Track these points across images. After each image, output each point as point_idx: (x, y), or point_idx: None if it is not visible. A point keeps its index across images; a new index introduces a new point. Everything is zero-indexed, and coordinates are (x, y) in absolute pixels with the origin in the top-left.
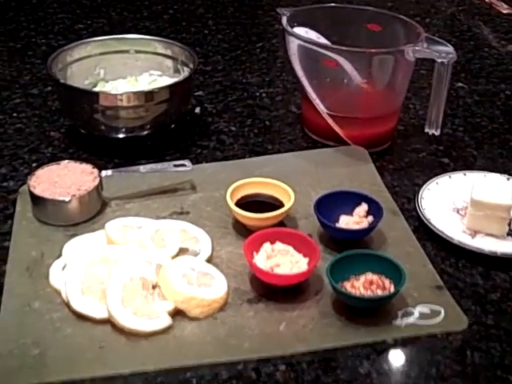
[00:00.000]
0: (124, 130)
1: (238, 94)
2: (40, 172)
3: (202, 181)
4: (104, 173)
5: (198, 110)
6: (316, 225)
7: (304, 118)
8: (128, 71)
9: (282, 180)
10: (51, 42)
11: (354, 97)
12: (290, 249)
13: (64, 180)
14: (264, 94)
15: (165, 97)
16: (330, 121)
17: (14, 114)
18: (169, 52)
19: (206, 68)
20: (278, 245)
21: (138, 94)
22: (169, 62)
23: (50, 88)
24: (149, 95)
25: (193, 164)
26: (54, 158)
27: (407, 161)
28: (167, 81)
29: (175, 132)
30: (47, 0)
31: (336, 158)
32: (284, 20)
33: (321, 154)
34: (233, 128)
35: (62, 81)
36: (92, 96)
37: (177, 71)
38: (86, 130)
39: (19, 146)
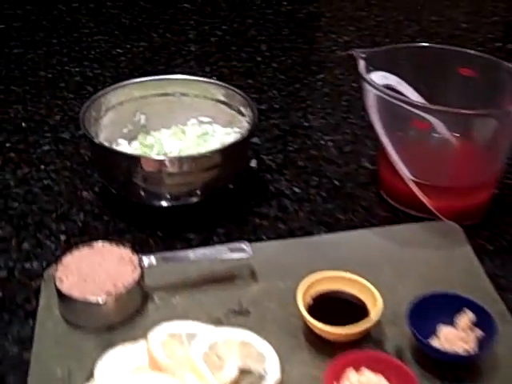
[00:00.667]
0: (168, 197)
1: (300, 143)
2: (69, 259)
3: (264, 266)
4: (146, 261)
5: (254, 163)
6: (407, 334)
7: (381, 179)
8: (172, 117)
9: (361, 267)
10: (86, 70)
11: (446, 162)
12: (382, 380)
13: (97, 272)
14: (330, 143)
15: (217, 161)
16: (415, 189)
17: (42, 167)
18: (221, 96)
19: (260, 106)
20: (366, 374)
21: (185, 160)
22: (221, 107)
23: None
24: (198, 161)
25: (251, 239)
26: (86, 229)
27: (510, 239)
28: (219, 132)
29: (228, 194)
30: (82, 18)
31: (423, 236)
32: (361, 66)
33: (404, 231)
34: (296, 189)
35: (96, 141)
36: (132, 160)
37: (230, 118)
38: (123, 195)
39: (46, 210)
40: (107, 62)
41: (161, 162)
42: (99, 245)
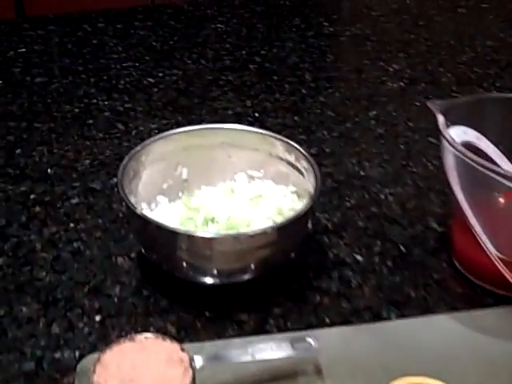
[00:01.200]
0: (217, 275)
1: (357, 197)
2: (108, 358)
3: (330, 360)
4: (198, 361)
5: (309, 224)
6: None
7: (454, 247)
8: (218, 170)
9: (442, 363)
10: (116, 104)
11: None
12: None
13: (142, 375)
14: (390, 197)
15: (276, 238)
16: (502, 268)
17: (71, 225)
18: (273, 148)
19: (310, 150)
20: None
21: (239, 238)
22: (273, 161)
23: (115, 179)
24: (254, 239)
25: (312, 323)
26: (124, 306)
27: None
28: (273, 192)
29: (283, 265)
30: (109, 41)
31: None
32: (441, 121)
33: (491, 317)
34: (358, 257)
35: (138, 212)
36: (177, 236)
37: (285, 174)
38: (165, 269)
39: (77, 282)
40: (138, 94)
41: (210, 239)
42: (142, 337)
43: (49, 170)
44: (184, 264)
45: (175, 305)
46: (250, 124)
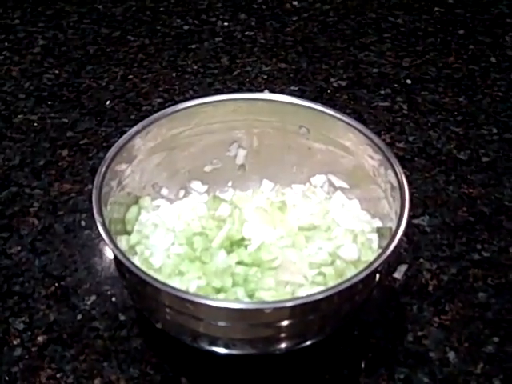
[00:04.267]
0: (232, 346)
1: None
2: None
3: None
4: None
5: (400, 270)
6: None
7: None
8: (286, 165)
9: None
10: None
11: None
12: None
13: None
14: None
15: (336, 303)
16: None
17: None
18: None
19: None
20: None
21: (283, 310)
22: (345, 161)
23: None
24: (304, 308)
25: None
26: None
27: None
28: (344, 217)
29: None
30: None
31: None
32: None
33: None
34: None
35: (127, 264)
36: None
37: (366, 184)
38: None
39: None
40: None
41: (241, 311)
42: None
43: None
44: (198, 336)
45: (191, 378)
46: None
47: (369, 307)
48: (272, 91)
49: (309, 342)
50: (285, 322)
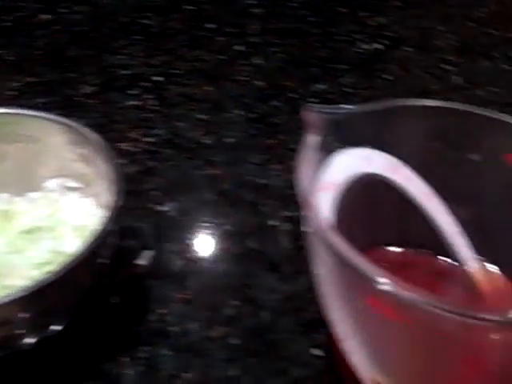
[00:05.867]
0: None
1: None
2: None
3: None
4: None
5: (146, 255)
6: None
7: None
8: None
9: None
10: None
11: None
12: None
13: None
14: None
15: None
16: None
17: None
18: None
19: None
20: None
21: None
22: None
23: None
24: None
25: None
26: None
27: None
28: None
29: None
30: None
31: None
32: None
33: None
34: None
35: None
36: None
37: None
38: None
39: None
40: None
41: None
42: None
43: None
44: None
45: None
46: None
47: (113, 294)
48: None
49: (51, 334)
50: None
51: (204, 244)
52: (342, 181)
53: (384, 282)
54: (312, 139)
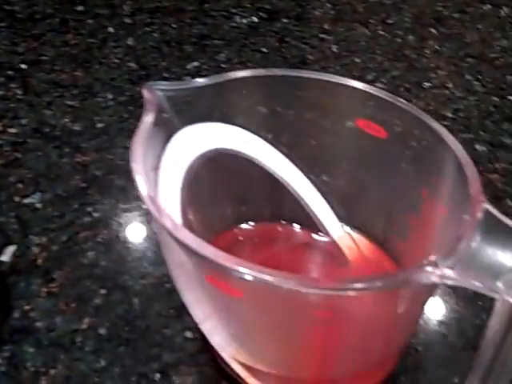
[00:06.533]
0: None
1: None
2: None
3: None
4: None
5: (8, 252)
6: None
7: None
8: None
9: None
10: None
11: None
12: None
13: None
14: None
15: None
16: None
17: None
18: None
19: None
20: None
21: None
22: None
23: None
24: None
25: None
26: None
27: None
28: None
29: None
30: None
31: None
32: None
33: None
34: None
35: None
36: None
37: None
38: None
39: None
40: None
41: None
42: None
43: None
44: None
45: None
46: None
47: None
48: None
49: None
50: None
51: (70, 234)
52: (188, 158)
53: (217, 260)
54: (149, 118)
